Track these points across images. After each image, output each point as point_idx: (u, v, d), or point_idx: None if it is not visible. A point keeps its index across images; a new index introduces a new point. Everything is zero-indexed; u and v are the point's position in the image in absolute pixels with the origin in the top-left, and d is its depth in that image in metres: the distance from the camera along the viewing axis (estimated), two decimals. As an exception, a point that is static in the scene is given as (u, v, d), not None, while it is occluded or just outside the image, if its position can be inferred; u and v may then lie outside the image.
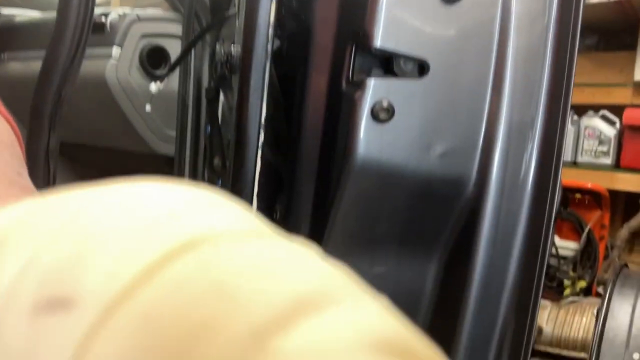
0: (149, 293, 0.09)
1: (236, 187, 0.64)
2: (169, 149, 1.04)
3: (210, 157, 0.97)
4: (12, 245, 0.11)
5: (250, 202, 0.63)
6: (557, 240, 1.61)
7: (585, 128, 1.91)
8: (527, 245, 0.63)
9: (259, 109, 0.59)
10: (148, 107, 0.96)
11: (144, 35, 1.11)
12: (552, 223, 0.65)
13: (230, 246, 0.10)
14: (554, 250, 1.55)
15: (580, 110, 1.96)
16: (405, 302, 0.60)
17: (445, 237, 0.58)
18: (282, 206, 0.63)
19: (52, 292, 0.10)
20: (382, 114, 0.49)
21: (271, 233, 0.11)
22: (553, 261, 1.59)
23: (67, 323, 0.09)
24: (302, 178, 0.59)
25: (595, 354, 0.93)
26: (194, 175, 0.98)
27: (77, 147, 1.12)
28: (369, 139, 0.50)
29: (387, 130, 0.50)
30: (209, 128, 1.00)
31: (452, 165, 0.53)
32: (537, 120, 0.63)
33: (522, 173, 0.62)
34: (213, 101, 0.96)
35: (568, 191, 1.62)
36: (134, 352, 0.09)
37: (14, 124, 0.32)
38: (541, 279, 0.68)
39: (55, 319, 0.09)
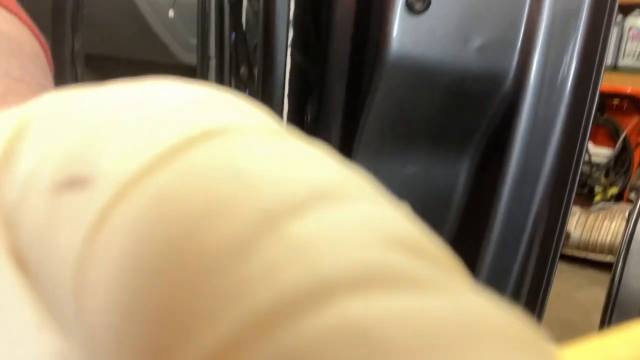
0: (165, 175, 0.09)
1: (266, 91, 0.63)
2: (194, 59, 1.02)
3: (236, 66, 0.96)
4: (34, 133, 0.11)
5: (281, 106, 0.63)
6: (591, 147, 1.57)
7: (630, 29, 1.79)
8: (564, 143, 0.62)
9: (287, 7, 0.56)
10: (171, 13, 0.93)
11: (162, -63, 1.05)
12: (591, 117, 0.63)
13: (249, 139, 0.10)
14: (586, 157, 1.53)
15: (626, 9, 1.82)
16: (437, 200, 0.61)
17: (480, 134, 0.57)
18: (312, 109, 0.62)
19: (71, 172, 0.10)
20: (418, 4, 0.46)
21: (291, 134, 0.11)
22: (585, 168, 1.57)
23: (84, 200, 0.10)
24: (333, 79, 0.58)
25: (624, 255, 0.94)
26: (220, 85, 0.96)
27: (103, 59, 1.12)
28: (403, 32, 0.47)
29: (423, 22, 0.47)
30: (233, 35, 0.97)
31: (490, 60, 0.50)
32: (581, 12, 0.59)
33: (563, 68, 0.59)
34: (236, 6, 0.92)
35: (606, 96, 1.55)
36: (147, 226, 0.09)
37: (40, 35, 0.31)
38: (575, 179, 0.67)
39: (73, 196, 0.10)
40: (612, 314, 0.96)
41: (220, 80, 0.97)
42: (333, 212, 0.09)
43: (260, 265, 0.08)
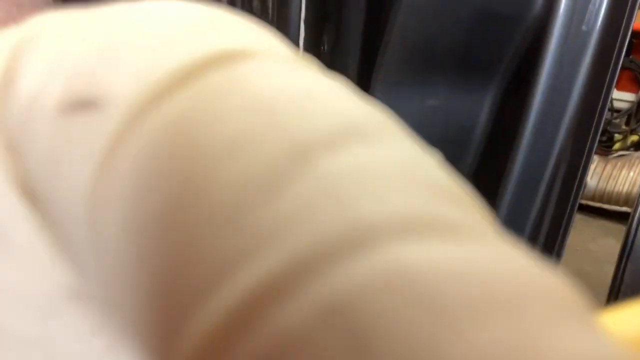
0: (181, 99, 0.08)
1: (281, 19, 0.60)
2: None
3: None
4: (38, 49, 0.10)
5: (297, 35, 0.60)
6: (613, 92, 1.52)
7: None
8: (590, 79, 0.59)
9: None
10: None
11: None
12: (622, 53, 0.60)
13: (270, 65, 0.09)
14: (607, 105, 1.48)
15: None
16: (457, 135, 0.59)
17: (505, 65, 0.54)
18: (329, 38, 0.59)
19: (81, 92, 0.09)
20: None
21: (309, 63, 0.10)
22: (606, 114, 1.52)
23: (95, 123, 0.09)
24: (351, 4, 0.55)
25: (642, 202, 0.93)
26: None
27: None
28: (429, -54, 0.44)
29: None
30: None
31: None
32: None
33: (595, -4, 0.56)
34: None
35: (633, 35, 1.49)
36: (163, 156, 0.08)
37: None
38: (601, 120, 0.65)
39: (83, 119, 0.09)
40: (626, 266, 0.95)
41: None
42: (368, 151, 0.09)
43: (295, 203, 0.08)
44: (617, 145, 1.54)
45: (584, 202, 1.47)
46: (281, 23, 0.61)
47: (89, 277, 0.09)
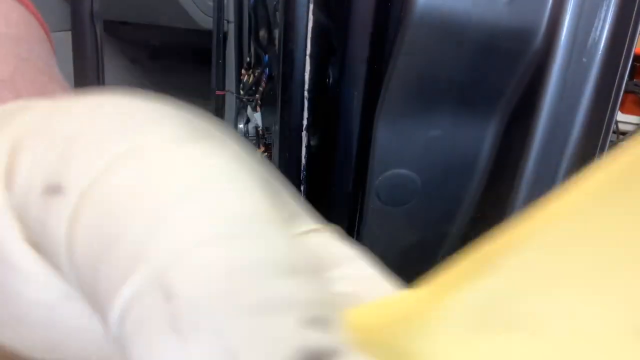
0: (100, 189, 0.13)
1: (287, 53, 0.62)
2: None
3: (255, 30, 0.94)
4: (24, 150, 0.15)
5: (303, 68, 0.61)
6: (618, 115, 1.52)
7: (661, -7, 1.70)
8: (593, 108, 0.60)
9: (309, -37, 0.55)
10: (190, -25, 0.91)
11: None
12: (623, 82, 0.61)
13: (162, 162, 0.14)
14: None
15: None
16: (461, 165, 0.60)
17: (507, 97, 0.55)
18: (335, 70, 0.61)
19: (50, 182, 0.14)
20: (446, -44, 0.44)
21: (214, 142, 0.15)
22: (611, 137, 1.52)
23: (60, 204, 0.14)
24: (356, 38, 0.57)
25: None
26: (239, 50, 0.95)
27: (123, 25, 1.11)
28: (430, -14, 0.45)
29: (451, -25, 0.45)
30: (252, -1, 0.95)
31: (520, 14, 0.48)
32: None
33: (595, 29, 0.57)
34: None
35: (636, 59, 1.49)
36: (94, 221, 0.13)
37: (44, 23, 0.33)
38: (604, 147, 0.65)
39: (55, 199, 0.14)
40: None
41: (239, 44, 0.95)
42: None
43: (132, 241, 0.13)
44: (623, 168, 1.52)
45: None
46: (287, 56, 0.62)
47: (71, 285, 0.14)
